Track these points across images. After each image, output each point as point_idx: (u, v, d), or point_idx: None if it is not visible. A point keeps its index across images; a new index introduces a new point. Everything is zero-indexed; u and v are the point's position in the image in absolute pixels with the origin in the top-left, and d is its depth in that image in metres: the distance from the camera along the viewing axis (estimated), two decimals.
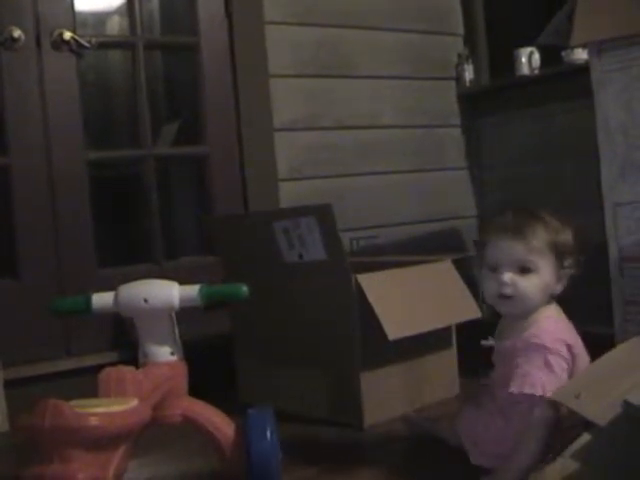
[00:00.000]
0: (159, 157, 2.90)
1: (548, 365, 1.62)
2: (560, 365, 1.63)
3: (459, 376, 2.41)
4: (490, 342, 1.80)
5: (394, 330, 2.11)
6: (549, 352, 1.62)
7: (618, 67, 2.19)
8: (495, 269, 1.67)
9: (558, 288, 1.69)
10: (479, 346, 1.95)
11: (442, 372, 2.37)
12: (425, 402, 2.29)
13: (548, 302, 1.71)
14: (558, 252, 1.66)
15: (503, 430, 1.70)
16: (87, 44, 2.66)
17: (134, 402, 1.54)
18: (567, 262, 1.68)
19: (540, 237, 1.64)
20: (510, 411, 1.70)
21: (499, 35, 3.39)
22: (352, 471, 1.83)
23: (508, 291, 1.66)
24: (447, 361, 2.40)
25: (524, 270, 1.65)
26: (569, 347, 1.65)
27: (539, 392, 1.59)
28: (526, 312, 1.68)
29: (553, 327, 1.67)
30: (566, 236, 1.68)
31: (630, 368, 1.64)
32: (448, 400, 2.33)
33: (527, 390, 1.60)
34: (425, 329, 2.20)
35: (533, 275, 1.65)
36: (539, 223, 1.66)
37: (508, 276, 1.65)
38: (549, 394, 1.58)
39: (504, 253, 1.66)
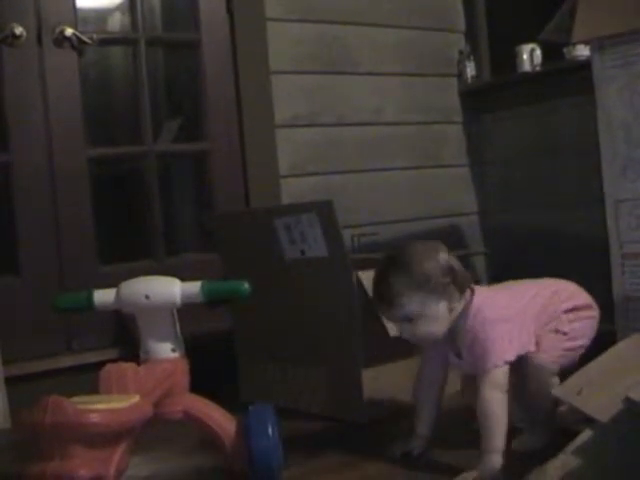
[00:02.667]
0: (160, 154, 2.90)
1: (498, 333, 1.72)
2: (517, 328, 1.75)
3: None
4: (453, 362, 1.87)
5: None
6: (497, 321, 1.74)
7: (620, 63, 2.19)
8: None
9: (456, 305, 1.75)
10: None
11: None
12: None
13: (466, 302, 1.77)
14: (428, 287, 1.71)
15: None
16: (89, 41, 2.66)
17: (135, 399, 1.54)
18: (440, 284, 1.72)
19: (403, 291, 1.71)
20: None
21: (500, 32, 3.39)
22: (354, 467, 1.83)
23: (412, 340, 1.79)
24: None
25: (409, 320, 1.73)
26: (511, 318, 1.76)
27: (491, 364, 1.71)
28: (441, 336, 1.77)
29: (489, 306, 1.77)
30: (426, 269, 1.71)
31: (631, 364, 1.64)
32: (450, 396, 2.32)
33: (488, 366, 1.71)
34: None
35: (419, 320, 1.72)
36: (394, 280, 1.72)
37: (404, 332, 1.77)
38: (505, 358, 1.71)
39: (387, 318, 1.83)
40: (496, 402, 1.70)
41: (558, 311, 1.84)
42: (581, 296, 1.90)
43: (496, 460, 1.67)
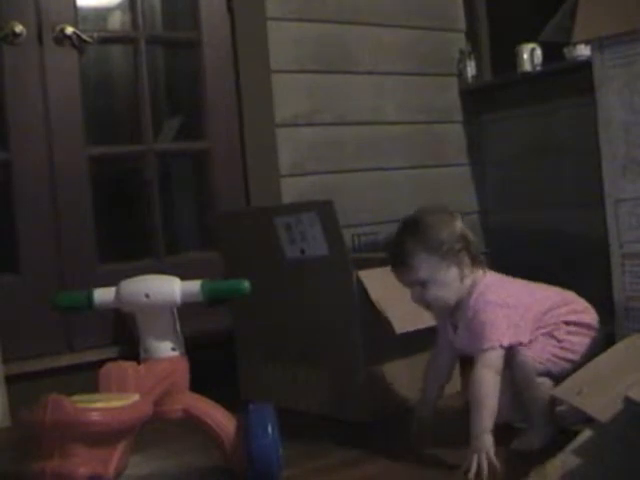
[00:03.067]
0: (160, 152, 2.90)
1: (494, 319, 1.76)
2: (519, 318, 1.78)
3: (460, 372, 2.41)
4: (449, 336, 1.92)
5: (397, 325, 2.12)
6: (499, 306, 1.77)
7: (620, 63, 2.19)
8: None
9: (466, 271, 1.81)
10: None
11: None
12: None
13: (481, 276, 1.83)
14: (440, 253, 1.78)
15: None
16: (89, 39, 2.66)
17: (135, 397, 1.54)
18: (453, 250, 1.79)
19: (416, 254, 1.78)
20: None
21: (501, 31, 3.39)
22: (354, 467, 1.83)
23: (421, 305, 1.86)
24: None
25: (423, 284, 1.80)
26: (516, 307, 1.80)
27: (488, 345, 1.74)
28: (452, 304, 1.83)
29: (490, 290, 1.81)
30: (437, 235, 1.78)
31: (631, 365, 1.64)
32: (450, 396, 2.33)
33: (484, 347, 1.74)
34: (428, 324, 2.20)
35: (430, 285, 1.80)
36: (409, 241, 1.80)
37: (415, 296, 1.84)
38: (502, 341, 1.74)
39: (400, 282, 1.86)
40: (487, 382, 1.73)
41: (560, 319, 1.84)
42: (589, 316, 1.92)
43: (487, 439, 1.69)
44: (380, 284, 2.17)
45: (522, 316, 1.80)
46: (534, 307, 1.84)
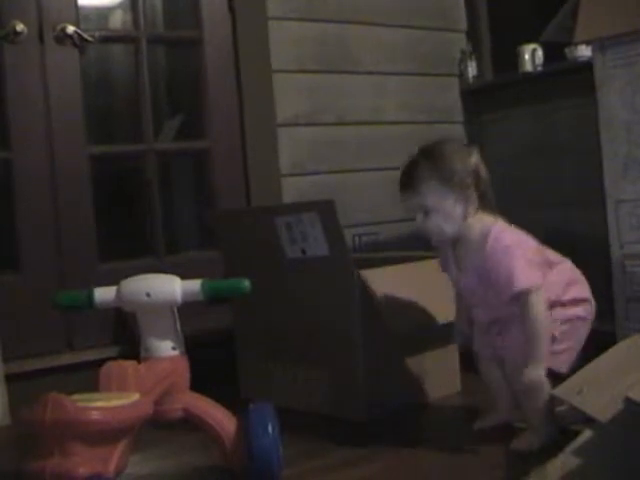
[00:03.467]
0: (161, 152, 2.90)
1: (521, 256, 1.77)
2: (526, 254, 1.78)
3: (460, 372, 2.41)
4: (451, 274, 1.94)
5: (397, 325, 2.12)
6: (517, 245, 1.78)
7: (621, 64, 2.19)
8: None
9: (471, 209, 1.82)
10: None
11: (443, 368, 2.37)
12: (427, 398, 2.29)
13: (492, 222, 1.83)
14: (449, 184, 1.80)
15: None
16: (90, 38, 2.66)
17: (135, 396, 1.54)
18: (461, 185, 1.80)
19: (426, 179, 1.81)
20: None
21: (502, 31, 3.39)
22: (354, 466, 1.83)
23: (422, 231, 1.87)
24: (449, 357, 2.39)
25: (426, 212, 1.83)
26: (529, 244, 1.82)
27: (527, 284, 1.74)
28: (449, 237, 1.86)
29: (507, 233, 1.82)
30: (451, 165, 1.81)
31: (632, 365, 1.64)
32: (450, 396, 2.33)
33: (517, 288, 1.74)
34: (427, 325, 2.20)
35: (433, 214, 1.82)
36: (422, 165, 1.84)
37: (418, 222, 1.86)
38: (535, 281, 1.75)
39: (406, 204, 1.88)
40: (540, 321, 1.75)
41: (559, 301, 1.84)
42: (584, 289, 1.90)
43: (541, 369, 1.73)
44: (381, 284, 2.18)
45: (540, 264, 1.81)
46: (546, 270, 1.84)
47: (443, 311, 2.24)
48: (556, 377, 1.77)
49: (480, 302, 1.88)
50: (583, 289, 1.89)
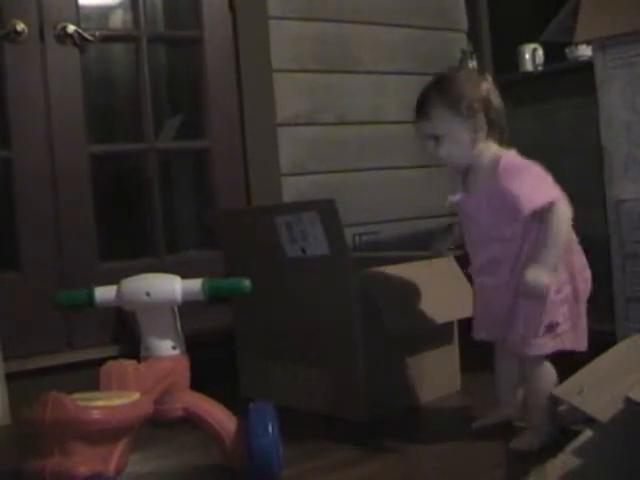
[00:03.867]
0: (161, 151, 2.90)
1: (531, 176, 1.79)
2: (539, 172, 1.80)
3: (460, 372, 2.41)
4: (457, 197, 1.94)
5: (397, 325, 2.12)
6: (531, 167, 1.80)
7: (622, 63, 2.19)
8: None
9: (480, 134, 1.83)
10: (481, 342, 1.96)
11: (444, 368, 2.37)
12: (426, 398, 2.29)
13: (502, 150, 1.85)
14: (458, 110, 1.81)
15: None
16: (91, 37, 2.65)
17: (136, 396, 1.54)
18: (471, 109, 1.81)
19: (437, 107, 1.83)
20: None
21: (503, 31, 3.38)
22: (353, 465, 1.84)
23: (434, 158, 1.89)
24: (449, 357, 2.40)
25: (437, 139, 1.84)
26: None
27: (542, 203, 1.74)
28: (468, 163, 1.87)
29: (519, 159, 1.84)
30: (458, 91, 1.82)
31: (632, 365, 1.64)
32: (450, 395, 2.33)
33: (540, 202, 1.74)
34: (427, 324, 2.20)
35: (444, 140, 1.84)
36: (434, 92, 1.85)
37: (429, 150, 1.88)
38: (551, 198, 1.74)
39: (419, 132, 1.91)
40: (561, 232, 1.76)
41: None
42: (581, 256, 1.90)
43: (543, 274, 1.71)
44: (381, 283, 2.18)
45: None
46: None
47: (443, 311, 2.25)
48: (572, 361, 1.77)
49: (480, 236, 1.88)
50: (580, 256, 1.88)
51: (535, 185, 1.77)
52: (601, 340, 1.88)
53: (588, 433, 1.49)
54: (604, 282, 2.27)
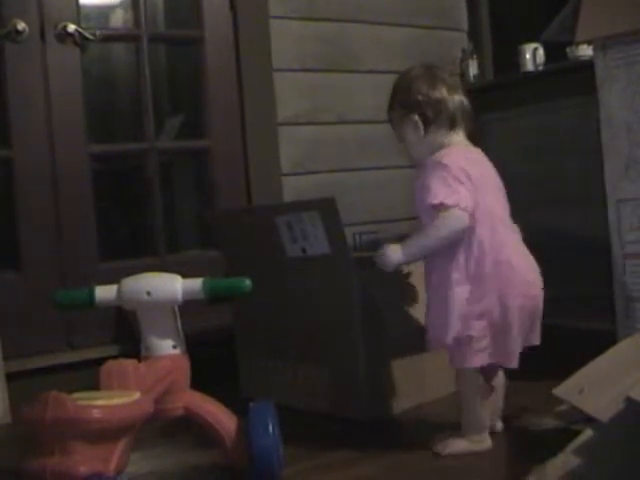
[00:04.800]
0: (162, 151, 2.90)
1: (445, 178, 1.78)
2: (457, 178, 1.78)
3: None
4: None
5: (397, 325, 2.12)
6: (445, 167, 1.79)
7: (623, 63, 2.19)
8: None
9: (430, 139, 1.86)
10: None
11: (443, 368, 2.37)
12: (426, 398, 2.29)
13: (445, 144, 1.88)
14: (405, 107, 1.87)
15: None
16: (91, 37, 2.66)
17: (136, 395, 1.54)
18: (419, 109, 1.85)
19: (390, 109, 1.91)
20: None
21: (503, 31, 3.39)
22: (353, 465, 1.83)
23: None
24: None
25: (399, 139, 1.94)
26: (467, 170, 1.80)
27: (439, 200, 1.75)
28: (415, 161, 1.94)
29: (455, 154, 1.84)
30: (413, 89, 1.86)
31: (632, 364, 1.64)
32: (448, 396, 2.33)
33: (430, 200, 1.77)
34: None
35: (402, 139, 1.92)
36: (391, 95, 1.91)
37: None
38: (450, 201, 1.75)
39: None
40: (438, 231, 1.77)
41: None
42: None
43: (397, 254, 1.81)
44: (381, 283, 2.17)
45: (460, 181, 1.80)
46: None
47: None
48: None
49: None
50: (521, 273, 1.84)
51: (443, 184, 1.77)
52: (601, 340, 1.88)
53: (588, 433, 1.49)
54: (604, 282, 2.27)
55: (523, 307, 1.77)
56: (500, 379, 1.90)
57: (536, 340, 1.83)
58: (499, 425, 1.93)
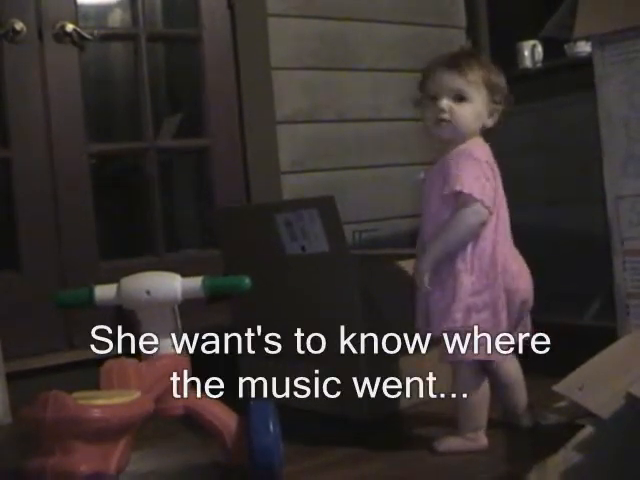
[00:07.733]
0: (161, 149, 2.90)
1: (476, 170, 1.78)
2: (485, 174, 1.79)
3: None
4: (422, 175, 1.95)
5: (397, 323, 2.11)
6: (477, 161, 1.80)
7: (621, 60, 2.19)
8: (434, 98, 1.84)
9: (489, 122, 1.88)
10: None
11: (444, 367, 2.36)
12: (425, 397, 2.29)
13: (478, 135, 1.88)
14: (490, 88, 1.85)
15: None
16: (89, 36, 2.65)
17: (136, 394, 1.54)
18: (498, 98, 1.88)
19: (475, 71, 1.83)
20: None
21: (502, 28, 3.38)
22: (354, 465, 1.84)
23: (445, 116, 1.82)
24: None
25: (460, 99, 1.82)
26: (491, 166, 1.84)
27: (467, 190, 1.75)
28: (460, 138, 1.84)
29: (481, 148, 1.86)
30: (498, 77, 1.89)
31: (633, 361, 1.64)
32: (448, 395, 2.33)
33: (457, 188, 1.75)
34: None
35: (467, 104, 1.82)
36: (475, 60, 1.86)
37: (445, 102, 1.81)
38: (477, 195, 1.75)
39: (443, 83, 1.83)
40: (463, 228, 1.78)
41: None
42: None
43: (428, 262, 1.80)
44: (381, 281, 2.17)
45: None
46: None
47: None
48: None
49: (430, 217, 1.89)
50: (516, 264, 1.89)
51: (473, 176, 1.77)
52: (602, 336, 1.88)
53: (589, 429, 1.49)
54: (604, 279, 2.27)
55: (517, 301, 1.82)
56: (511, 376, 1.90)
57: (526, 330, 1.86)
58: (525, 420, 1.92)
